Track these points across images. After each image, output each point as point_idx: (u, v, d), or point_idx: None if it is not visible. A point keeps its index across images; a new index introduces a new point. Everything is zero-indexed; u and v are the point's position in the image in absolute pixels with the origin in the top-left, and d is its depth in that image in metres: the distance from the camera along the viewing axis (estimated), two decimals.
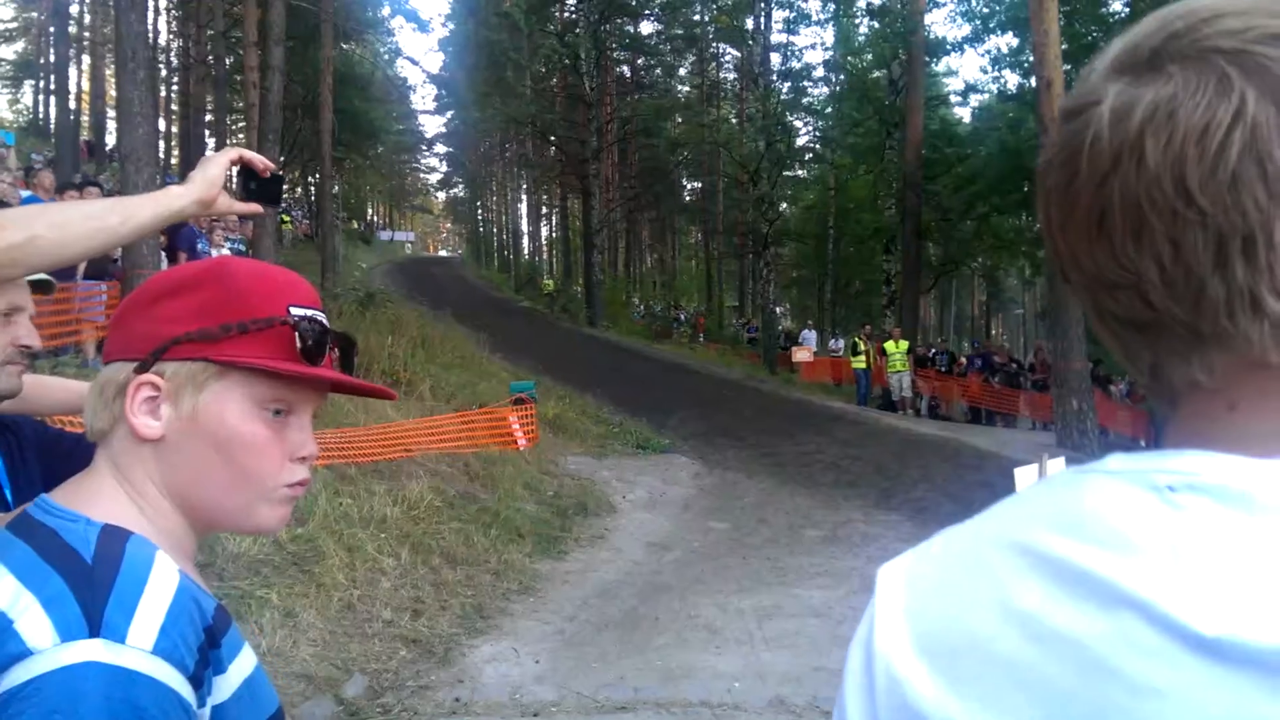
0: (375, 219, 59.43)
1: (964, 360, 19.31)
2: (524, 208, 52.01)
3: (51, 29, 27.37)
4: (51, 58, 28.24)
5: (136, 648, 0.66)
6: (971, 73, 68.00)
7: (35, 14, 38.55)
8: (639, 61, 39.46)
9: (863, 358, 17.16)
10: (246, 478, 0.80)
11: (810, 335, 24.97)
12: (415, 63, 60.45)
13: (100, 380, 0.80)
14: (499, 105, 27.44)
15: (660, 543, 7.18)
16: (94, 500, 0.76)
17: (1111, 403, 16.22)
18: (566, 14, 31.22)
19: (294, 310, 0.81)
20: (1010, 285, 41.20)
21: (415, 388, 10.35)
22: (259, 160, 1.30)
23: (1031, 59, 15.02)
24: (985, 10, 21.99)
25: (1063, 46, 13.22)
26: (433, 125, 50.63)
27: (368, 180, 48.85)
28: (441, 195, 66.73)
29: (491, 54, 29.90)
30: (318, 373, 0.82)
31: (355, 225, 47.75)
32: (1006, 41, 21.65)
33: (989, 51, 22.21)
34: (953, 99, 28.92)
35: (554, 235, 52.47)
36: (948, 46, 22.34)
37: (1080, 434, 11.01)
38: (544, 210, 52.96)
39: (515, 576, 5.98)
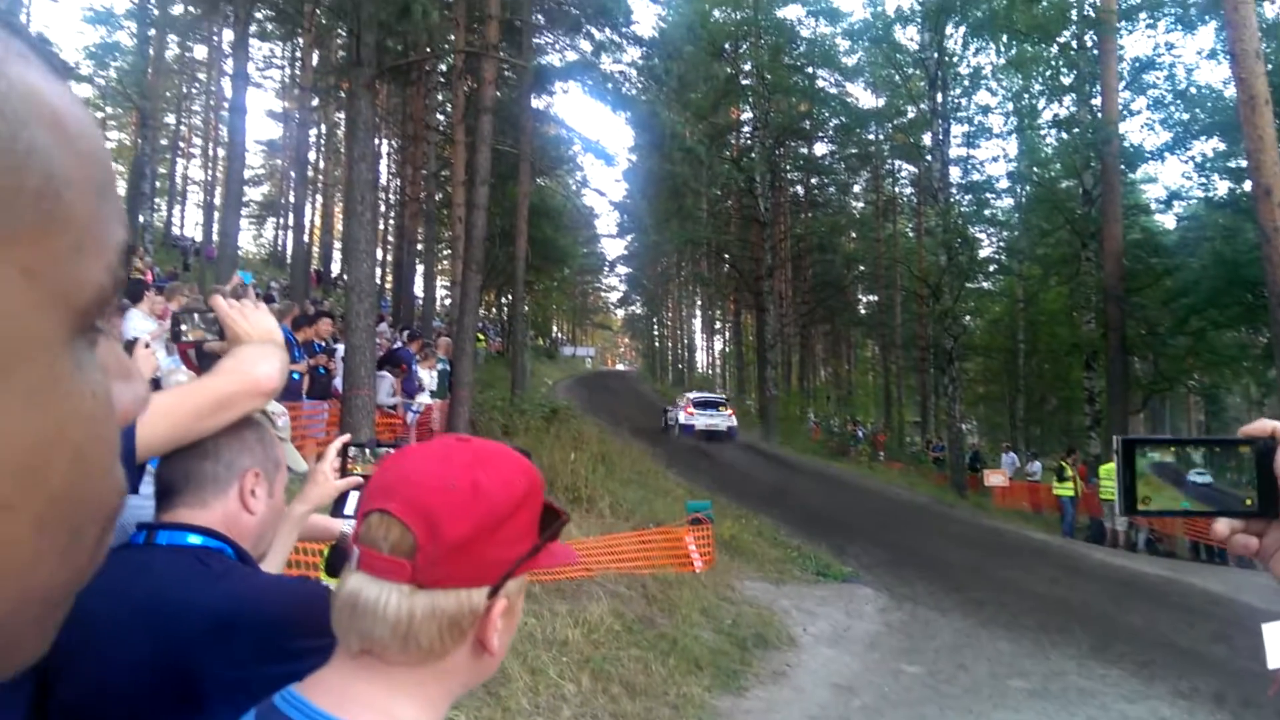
0: (559, 335, 62.66)
1: None
2: (698, 323, 53.21)
3: (293, 173, 31.70)
4: (291, 198, 32.58)
5: None
6: (1173, 178, 63.70)
7: (279, 160, 44.93)
8: (813, 181, 40.10)
9: (1069, 484, 15.83)
10: None
11: (1011, 458, 23.47)
12: (602, 194, 64.85)
13: (447, 610, 0.77)
14: (677, 229, 28.59)
15: (847, 684, 6.74)
16: (369, 710, 0.76)
17: None
18: (742, 140, 32.47)
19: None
20: (1233, 404, 36.96)
21: (595, 504, 10.54)
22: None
23: (1244, 164, 14.00)
24: (1185, 116, 20.83)
25: None
26: (614, 248, 53.54)
27: (554, 300, 51.81)
28: (620, 312, 69.61)
29: (672, 183, 31.46)
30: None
31: (541, 341, 50.52)
32: (1212, 146, 20.29)
33: (1192, 158, 20.86)
34: (1153, 206, 27.22)
35: (727, 349, 52.98)
36: (1146, 155, 21.21)
37: None
38: (717, 325, 53.83)
39: (694, 712, 5.77)
